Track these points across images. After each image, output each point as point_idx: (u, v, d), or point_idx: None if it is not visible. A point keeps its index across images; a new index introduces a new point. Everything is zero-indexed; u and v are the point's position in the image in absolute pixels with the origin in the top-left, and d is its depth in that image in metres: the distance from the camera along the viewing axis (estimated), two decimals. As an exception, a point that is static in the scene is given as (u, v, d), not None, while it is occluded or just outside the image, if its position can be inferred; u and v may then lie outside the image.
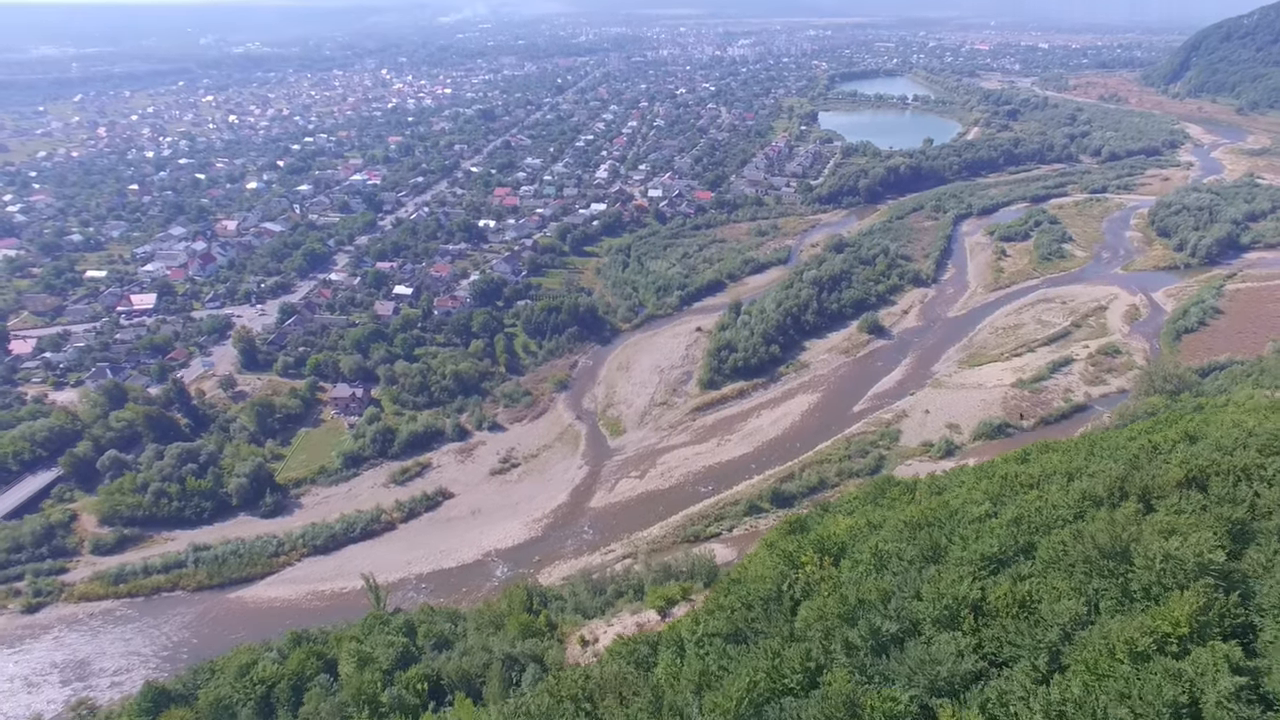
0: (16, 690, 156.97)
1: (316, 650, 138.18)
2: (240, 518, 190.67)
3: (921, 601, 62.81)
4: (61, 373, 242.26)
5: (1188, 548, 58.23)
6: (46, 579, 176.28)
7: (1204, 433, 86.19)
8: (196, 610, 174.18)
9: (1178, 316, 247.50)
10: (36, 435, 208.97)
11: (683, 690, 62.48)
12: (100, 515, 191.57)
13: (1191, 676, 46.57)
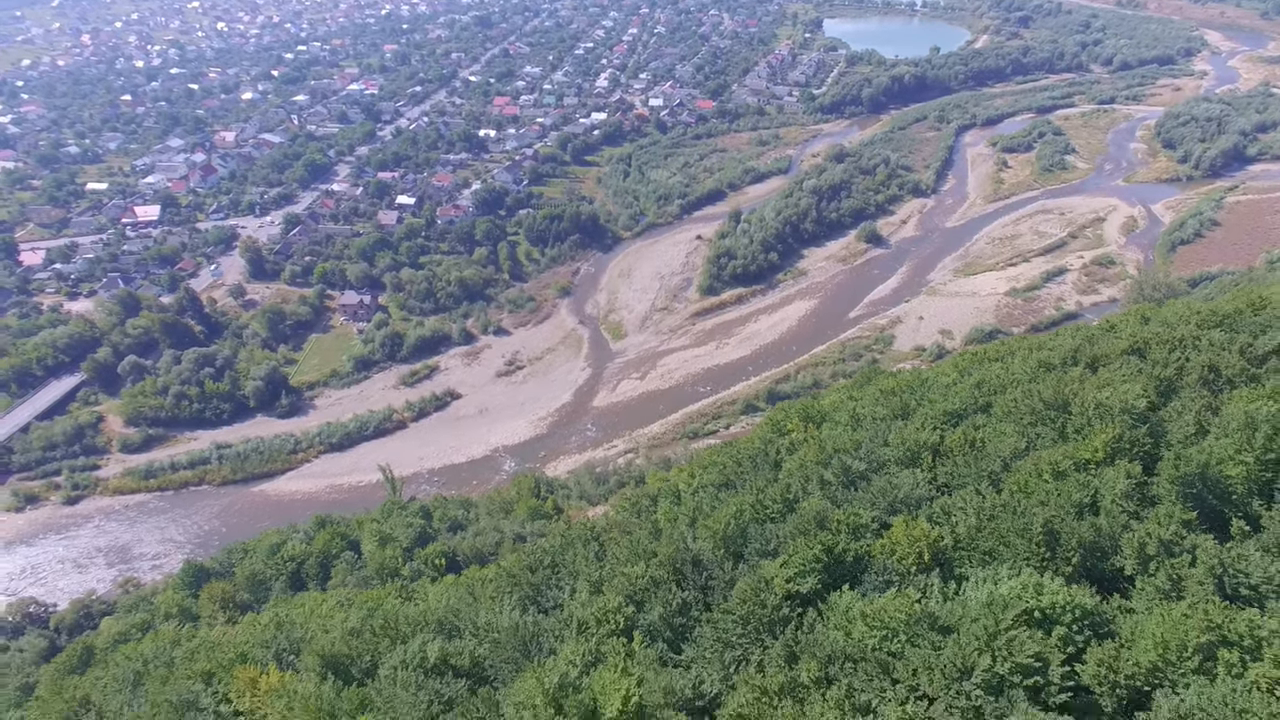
0: (68, 571, 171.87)
1: (340, 532, 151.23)
2: (258, 418, 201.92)
3: (888, 447, 72.54)
4: (74, 283, 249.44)
5: (1116, 397, 67.46)
6: (82, 474, 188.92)
7: (1157, 316, 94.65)
8: (223, 502, 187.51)
9: (1174, 228, 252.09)
10: (58, 342, 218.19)
11: (678, 525, 73.18)
12: (125, 417, 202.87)
13: (1097, 486, 56.47)
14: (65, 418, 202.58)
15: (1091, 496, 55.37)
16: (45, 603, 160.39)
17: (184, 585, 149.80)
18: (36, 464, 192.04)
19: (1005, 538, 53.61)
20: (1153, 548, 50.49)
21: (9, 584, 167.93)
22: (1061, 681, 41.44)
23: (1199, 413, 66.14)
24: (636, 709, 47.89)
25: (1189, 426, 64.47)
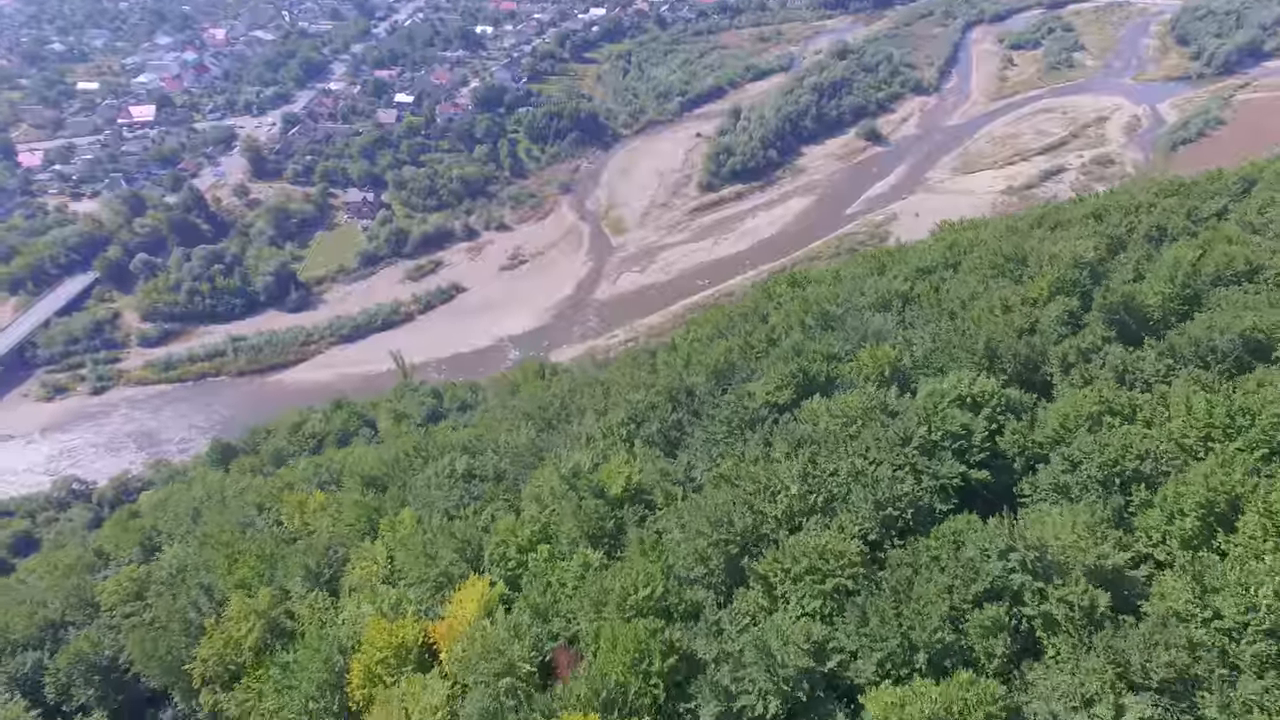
0: (102, 454, 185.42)
1: (356, 411, 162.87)
2: (269, 313, 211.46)
3: (863, 295, 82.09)
4: (76, 184, 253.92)
5: (1068, 249, 76.45)
6: (105, 367, 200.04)
7: (1126, 188, 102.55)
8: (241, 392, 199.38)
9: (1177, 128, 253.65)
10: (68, 241, 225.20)
11: (674, 365, 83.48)
12: (141, 312, 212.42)
13: (1038, 316, 66.12)
14: (83, 314, 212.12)
15: (1031, 324, 65.03)
16: (85, 480, 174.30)
17: (213, 462, 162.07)
18: (61, 357, 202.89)
19: (954, 355, 63.52)
20: (1073, 356, 60.54)
21: (49, 465, 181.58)
22: (981, 444, 52.06)
23: (1138, 261, 75.28)
24: (637, 486, 58.97)
25: (1128, 273, 73.66)
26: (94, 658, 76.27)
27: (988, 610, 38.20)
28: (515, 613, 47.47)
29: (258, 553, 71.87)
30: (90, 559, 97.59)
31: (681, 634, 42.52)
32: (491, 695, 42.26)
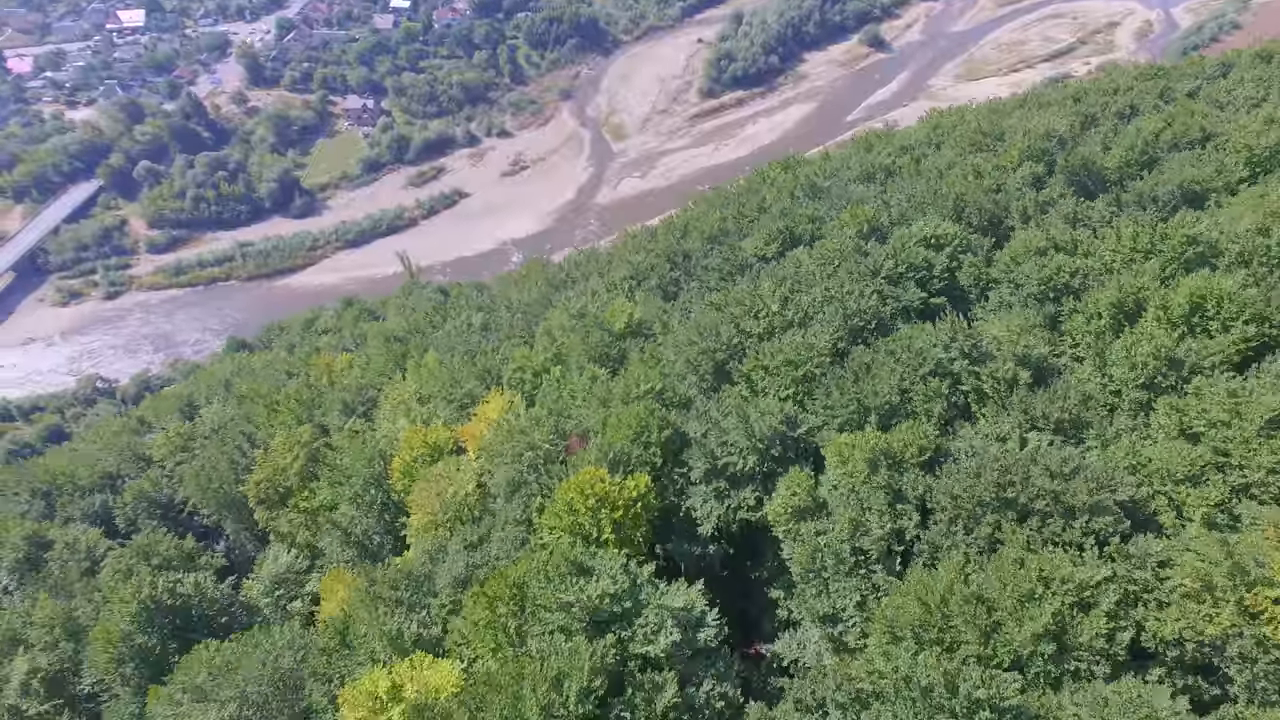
0: (120, 356, 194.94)
1: (365, 309, 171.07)
2: (274, 220, 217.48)
3: (849, 169, 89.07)
4: (70, 92, 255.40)
5: (1041, 124, 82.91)
6: (117, 273, 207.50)
7: (1109, 73, 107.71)
8: (251, 296, 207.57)
9: (1190, 32, 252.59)
10: (69, 148, 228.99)
11: (672, 233, 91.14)
12: (148, 219, 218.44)
13: (1008, 180, 73.26)
14: (90, 221, 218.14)
15: (999, 186, 72.25)
16: (108, 378, 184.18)
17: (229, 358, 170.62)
18: (72, 263, 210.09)
19: (926, 211, 70.97)
20: (1032, 209, 68.05)
21: (71, 365, 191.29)
22: (941, 275, 60.20)
23: (1106, 135, 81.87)
24: (638, 322, 67.41)
25: (1095, 146, 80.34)
26: (155, 495, 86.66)
27: (930, 384, 46.94)
28: (534, 410, 56.57)
29: (296, 398, 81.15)
30: (134, 425, 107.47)
31: (676, 416, 51.54)
32: (515, 468, 51.54)
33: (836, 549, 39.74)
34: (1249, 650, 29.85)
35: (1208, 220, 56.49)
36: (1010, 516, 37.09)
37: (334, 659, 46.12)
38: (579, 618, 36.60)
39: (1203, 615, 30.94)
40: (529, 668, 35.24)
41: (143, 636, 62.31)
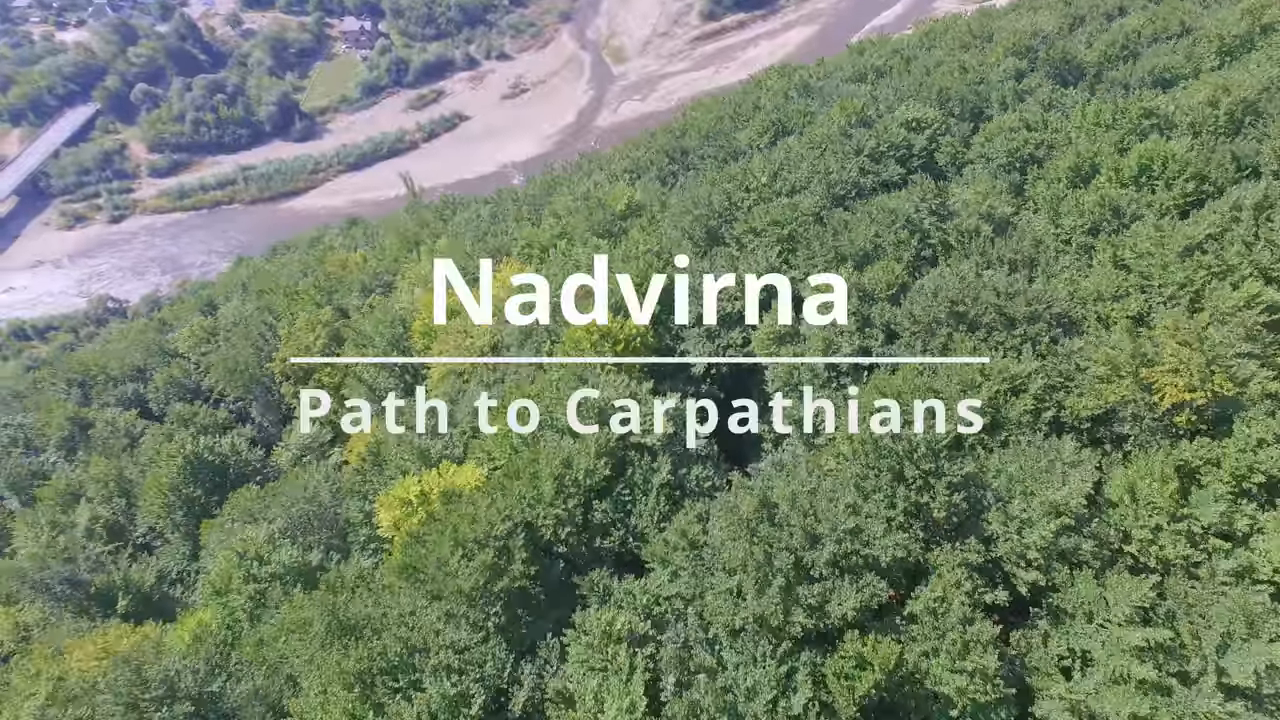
0: (128, 278, 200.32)
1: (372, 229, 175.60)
2: (275, 143, 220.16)
3: (841, 70, 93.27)
4: (59, 12, 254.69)
5: (1029, 23, 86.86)
6: (120, 196, 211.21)
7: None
8: (255, 218, 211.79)
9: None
10: (62, 70, 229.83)
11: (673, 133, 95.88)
12: (148, 143, 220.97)
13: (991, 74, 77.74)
14: (90, 144, 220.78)
15: (982, 79, 76.83)
16: (118, 298, 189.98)
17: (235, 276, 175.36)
18: (75, 187, 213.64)
19: (909, 100, 75.70)
20: (1011, 98, 72.85)
21: (81, 287, 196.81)
22: (920, 154, 65.51)
23: (1091, 33, 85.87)
24: (638, 204, 72.90)
25: (1080, 44, 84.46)
26: (184, 381, 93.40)
27: (900, 235, 52.82)
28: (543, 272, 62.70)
29: (315, 285, 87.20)
30: (157, 325, 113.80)
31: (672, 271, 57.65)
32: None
33: (811, 365, 46.21)
34: (1140, 411, 36.45)
35: (1165, 98, 61.56)
36: (961, 329, 43.41)
37: (368, 475, 53.07)
38: (586, 419, 43.24)
39: (1109, 391, 37.49)
40: (543, 455, 42.02)
41: (189, 488, 69.63)
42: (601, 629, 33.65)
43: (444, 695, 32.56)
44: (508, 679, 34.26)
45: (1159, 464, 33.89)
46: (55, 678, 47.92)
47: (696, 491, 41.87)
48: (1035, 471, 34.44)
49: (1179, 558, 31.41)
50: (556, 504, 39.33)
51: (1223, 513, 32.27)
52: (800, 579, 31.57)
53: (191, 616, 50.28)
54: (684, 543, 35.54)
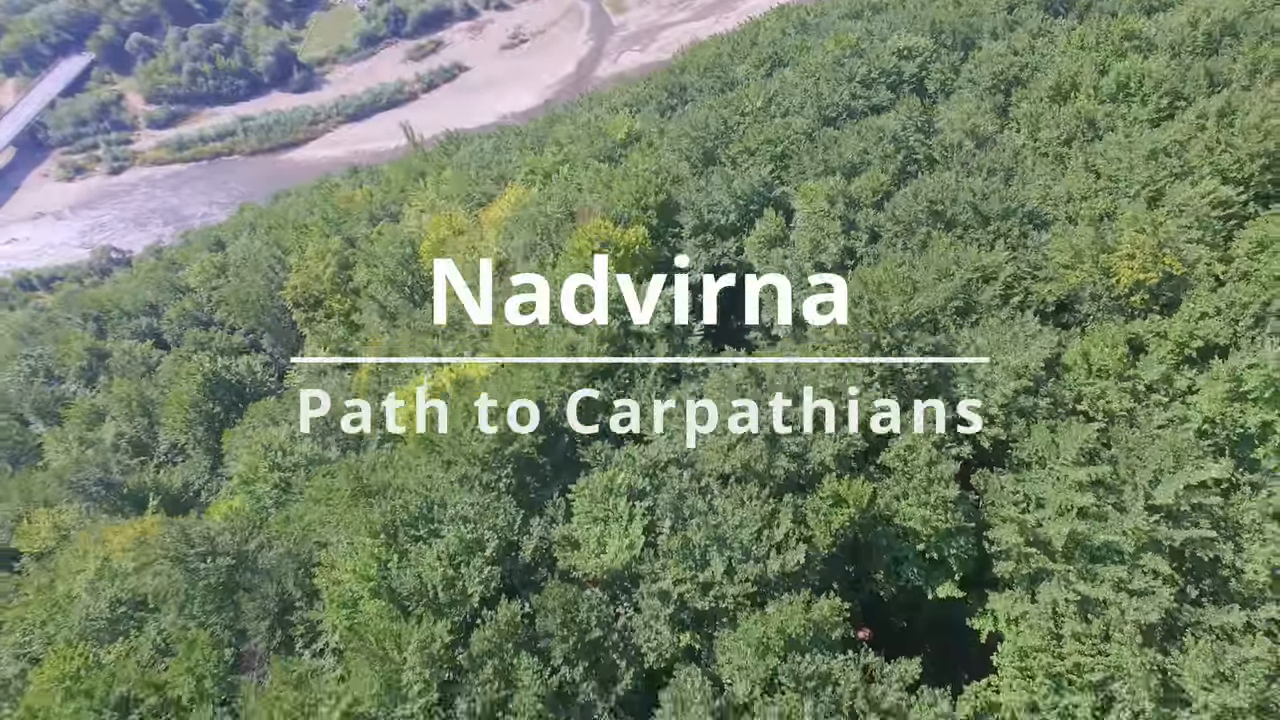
0: (131, 229, 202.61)
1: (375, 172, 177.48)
2: (273, 95, 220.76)
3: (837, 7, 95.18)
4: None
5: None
6: (119, 148, 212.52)
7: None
8: (256, 170, 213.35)
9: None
10: (54, 18, 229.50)
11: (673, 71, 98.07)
12: (145, 94, 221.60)
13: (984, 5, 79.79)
14: (86, 95, 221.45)
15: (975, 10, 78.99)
16: (121, 249, 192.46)
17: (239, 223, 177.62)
18: (73, 139, 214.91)
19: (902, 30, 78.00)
20: (1002, 28, 75.18)
21: (84, 239, 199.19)
22: (909, 80, 68.16)
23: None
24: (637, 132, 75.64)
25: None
26: (196, 314, 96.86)
27: (886, 149, 55.88)
28: (547, 191, 65.81)
29: (324, 217, 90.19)
30: (167, 264, 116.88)
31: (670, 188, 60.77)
32: (530, 231, 61.10)
33: (799, 264, 49.57)
34: (1099, 292, 40.01)
35: (1148, 21, 64.11)
36: (939, 227, 46.74)
37: (381, 375, 56.84)
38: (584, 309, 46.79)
39: (1071, 276, 40.98)
40: (549, 341, 45.68)
41: (208, 405, 73.47)
42: (604, 484, 37.56)
43: (461, 539, 36.56)
44: (518, 531, 38.22)
45: (1111, 334, 37.49)
46: (101, 557, 52.23)
47: (691, 375, 45.52)
48: (1000, 343, 38.07)
49: (1123, 410, 35.14)
50: (562, 383, 43.05)
51: (1164, 373, 35.95)
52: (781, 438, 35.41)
53: (222, 504, 54.36)
54: (679, 410, 39.30)
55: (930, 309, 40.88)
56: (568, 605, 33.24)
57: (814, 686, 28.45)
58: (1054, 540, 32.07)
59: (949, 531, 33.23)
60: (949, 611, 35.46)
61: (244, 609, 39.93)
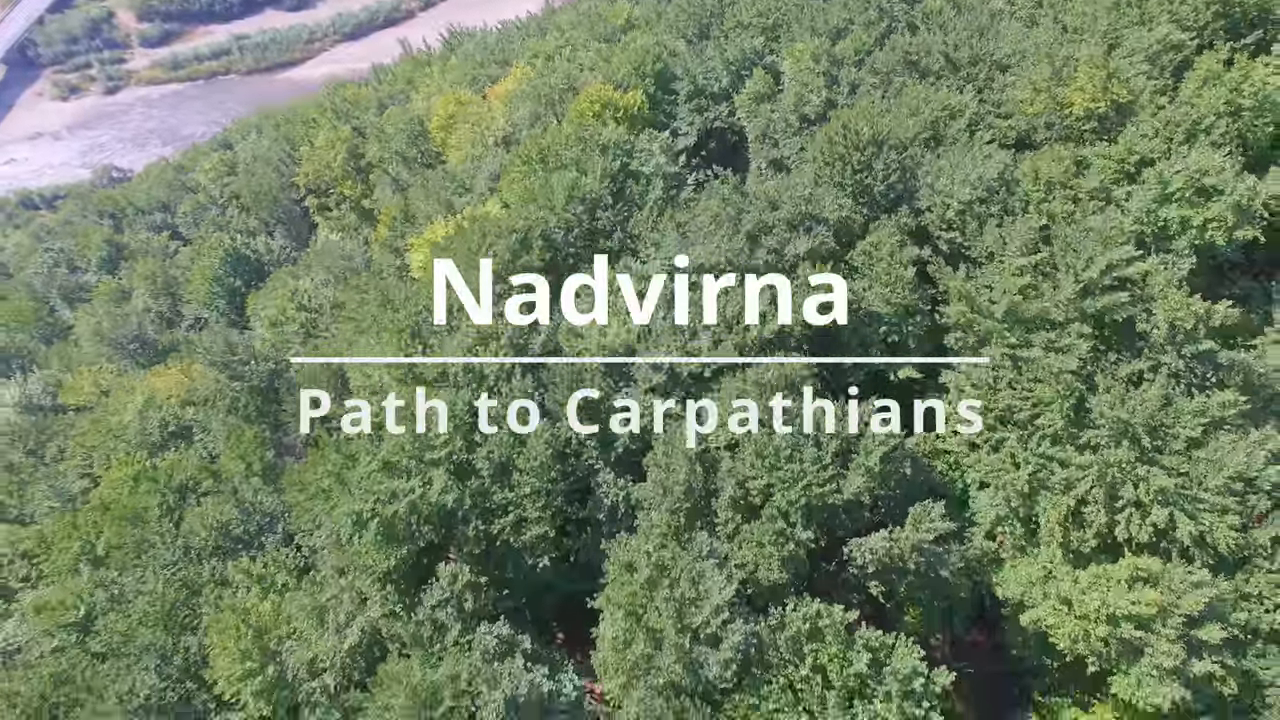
0: (130, 149, 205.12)
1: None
2: (268, 12, 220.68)
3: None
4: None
5: None
6: (113, 66, 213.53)
7: None
8: (253, 89, 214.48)
9: None
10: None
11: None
12: (136, 11, 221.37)
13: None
14: (75, 10, 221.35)
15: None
16: (122, 168, 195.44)
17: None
18: (65, 57, 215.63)
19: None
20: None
21: (84, 159, 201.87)
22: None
23: None
24: (636, 18, 79.27)
25: None
26: (209, 207, 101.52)
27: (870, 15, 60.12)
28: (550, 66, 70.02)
29: (332, 109, 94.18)
30: (175, 167, 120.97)
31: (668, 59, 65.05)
32: (534, 103, 65.54)
33: (785, 116, 54.29)
34: (1052, 120, 44.98)
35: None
36: (913, 76, 51.34)
37: (397, 227, 61.95)
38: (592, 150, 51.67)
39: (1029, 108, 45.89)
40: (555, 177, 50.66)
41: (230, 279, 78.85)
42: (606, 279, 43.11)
43: (477, 329, 42.22)
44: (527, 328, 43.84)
45: (1060, 152, 42.57)
46: (148, 393, 58.26)
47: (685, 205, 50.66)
48: (959, 162, 43.12)
49: (1064, 213, 40.37)
50: (567, 210, 48.18)
51: (1102, 182, 41.12)
52: (763, 231, 40.71)
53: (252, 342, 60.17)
54: (672, 225, 44.58)
55: (901, 140, 45.76)
56: (573, 376, 39.15)
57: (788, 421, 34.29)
58: (996, 311, 37.60)
59: (906, 309, 38.78)
60: (910, 395, 41.10)
61: (285, 405, 45.85)
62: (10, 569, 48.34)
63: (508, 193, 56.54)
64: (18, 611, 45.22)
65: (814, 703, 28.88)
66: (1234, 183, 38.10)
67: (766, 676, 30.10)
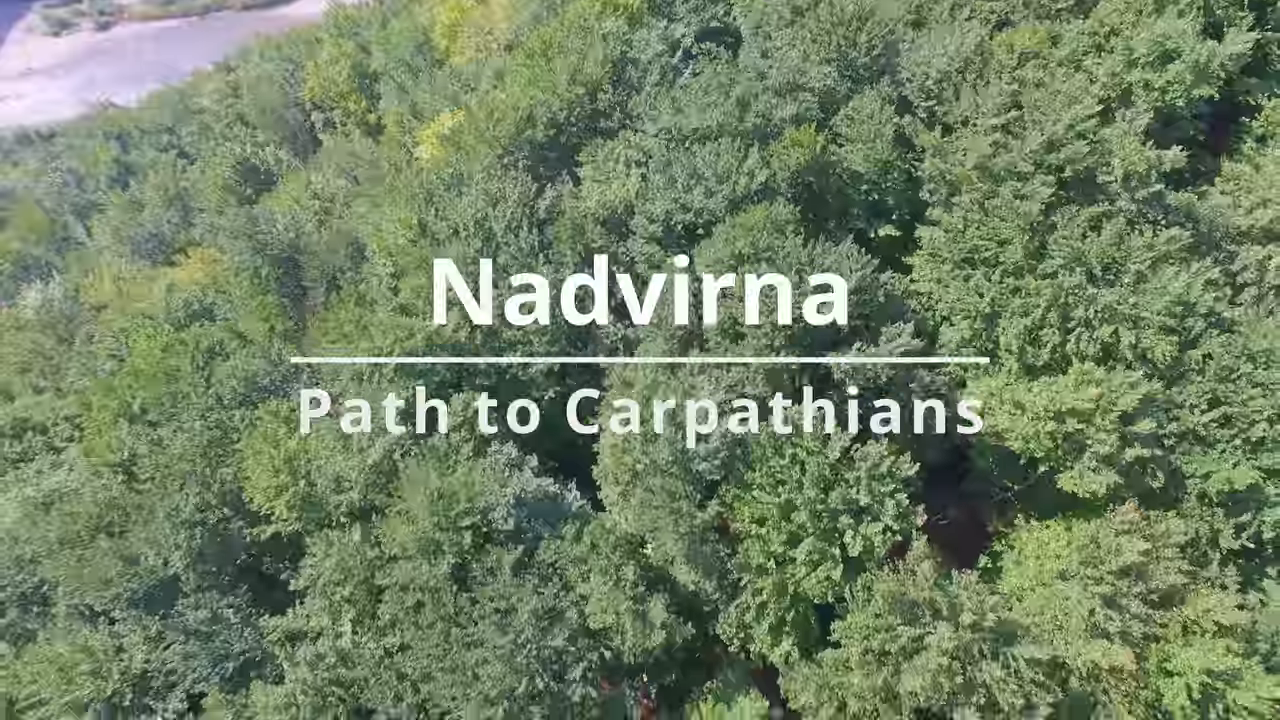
0: (125, 85, 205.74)
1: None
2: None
3: None
4: None
5: None
6: (104, 1, 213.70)
7: None
8: (248, 27, 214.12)
9: None
10: None
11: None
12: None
13: None
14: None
15: None
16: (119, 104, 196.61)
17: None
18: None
19: None
20: None
21: (79, 94, 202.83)
22: None
23: None
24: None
25: None
26: (214, 126, 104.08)
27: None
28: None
29: (336, 28, 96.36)
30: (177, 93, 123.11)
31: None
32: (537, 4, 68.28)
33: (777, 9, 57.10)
34: None
35: None
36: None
37: (405, 123, 65.09)
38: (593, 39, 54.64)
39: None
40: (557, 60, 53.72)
41: (241, 188, 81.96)
42: (605, 154, 46.54)
43: (488, 193, 45.80)
44: (533, 195, 47.36)
45: (1035, 27, 45.71)
46: (169, 282, 62.00)
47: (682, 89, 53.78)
48: (939, 36, 46.25)
49: (1035, 80, 43.63)
50: (570, 91, 51.36)
51: (1073, 51, 44.34)
52: (751, 100, 44.06)
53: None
54: (668, 101, 47.86)
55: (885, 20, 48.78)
56: (575, 229, 42.89)
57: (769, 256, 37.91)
58: (967, 162, 41.15)
59: (885, 164, 42.30)
60: (889, 254, 44.78)
61: (306, 271, 49.62)
62: (55, 430, 52.60)
63: (512, 83, 59.60)
64: (66, 463, 49.49)
65: (793, 487, 33.06)
66: (1195, 45, 41.36)
67: (750, 470, 34.33)
